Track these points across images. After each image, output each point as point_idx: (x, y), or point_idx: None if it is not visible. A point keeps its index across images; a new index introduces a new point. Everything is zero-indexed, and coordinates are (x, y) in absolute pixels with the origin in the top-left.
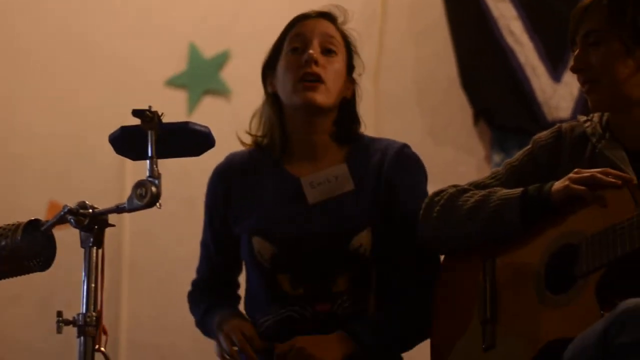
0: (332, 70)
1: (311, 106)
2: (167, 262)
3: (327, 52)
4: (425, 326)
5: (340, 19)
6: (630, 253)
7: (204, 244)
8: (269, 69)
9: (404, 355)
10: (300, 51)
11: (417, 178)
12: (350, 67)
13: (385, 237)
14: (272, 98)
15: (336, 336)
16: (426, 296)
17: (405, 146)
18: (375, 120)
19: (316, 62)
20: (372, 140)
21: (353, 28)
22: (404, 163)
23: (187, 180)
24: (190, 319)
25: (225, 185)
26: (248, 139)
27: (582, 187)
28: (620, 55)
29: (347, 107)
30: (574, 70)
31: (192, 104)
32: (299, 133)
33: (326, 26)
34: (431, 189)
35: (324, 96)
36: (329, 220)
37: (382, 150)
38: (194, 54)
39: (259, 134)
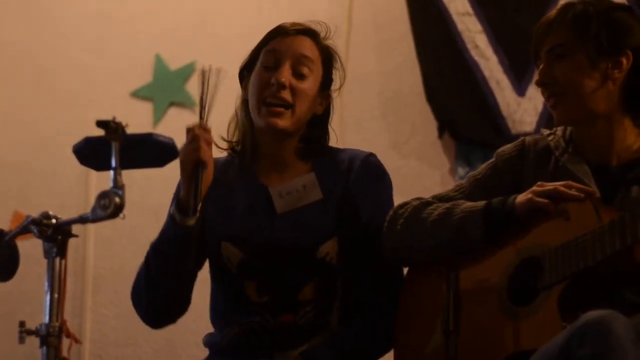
0: (300, 92)
1: (276, 131)
2: (132, 274)
3: (299, 75)
4: (387, 340)
5: (321, 35)
6: (592, 266)
7: None
8: (244, 73)
9: None
10: (271, 70)
11: (382, 187)
12: (327, 83)
13: (351, 246)
14: (246, 104)
15: None
16: (389, 310)
17: (370, 155)
18: (340, 133)
19: (284, 87)
20: (339, 150)
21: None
22: (370, 172)
23: (151, 191)
24: (154, 332)
25: None
26: (224, 144)
27: (546, 200)
28: (585, 69)
29: (317, 123)
30: (539, 84)
31: (158, 115)
32: (268, 148)
33: (302, 45)
34: (395, 201)
35: (288, 121)
36: (297, 229)
37: (349, 160)
38: (159, 65)
39: (234, 139)
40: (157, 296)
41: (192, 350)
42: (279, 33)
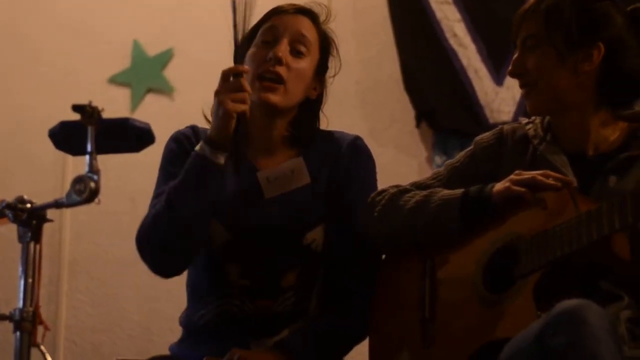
0: (296, 70)
1: (266, 105)
2: (108, 260)
3: (296, 52)
4: (363, 328)
5: (321, 18)
6: (568, 255)
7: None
8: (241, 53)
9: None
10: (270, 45)
11: (369, 169)
12: (322, 68)
13: (337, 232)
14: None
15: (273, 354)
16: (366, 298)
17: (357, 138)
18: (322, 124)
19: (280, 62)
20: (326, 133)
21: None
22: (357, 156)
23: (128, 177)
24: (130, 318)
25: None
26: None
27: (523, 189)
28: (554, 61)
29: (308, 108)
30: (510, 74)
31: (135, 101)
32: (259, 128)
33: (302, 24)
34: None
35: (281, 97)
36: (285, 214)
37: (336, 142)
38: (137, 51)
39: None
40: (183, 237)
41: (167, 337)
42: (279, 11)
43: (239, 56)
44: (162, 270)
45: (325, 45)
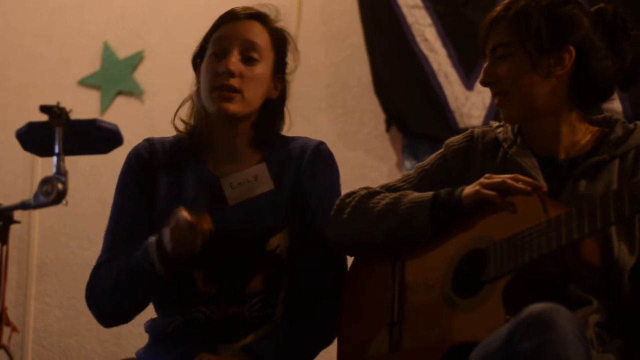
0: (250, 77)
1: (225, 115)
2: (77, 263)
3: (248, 60)
4: (330, 332)
5: (271, 17)
6: (538, 260)
7: (117, 227)
8: (198, 60)
9: None
10: (220, 57)
11: (331, 176)
12: (280, 66)
13: (300, 238)
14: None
15: (240, 358)
16: (332, 301)
17: (321, 144)
18: (288, 124)
19: (232, 74)
20: (289, 139)
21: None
22: (320, 161)
23: (98, 180)
24: (98, 323)
25: (148, 173)
26: (181, 126)
27: (493, 193)
28: (527, 67)
29: (270, 108)
30: (482, 83)
31: (105, 104)
32: (220, 134)
33: (251, 30)
34: (342, 193)
35: (239, 105)
36: (248, 220)
37: (300, 149)
38: (107, 53)
39: (187, 121)
40: (125, 306)
41: (136, 341)
42: (228, 18)
43: None
44: (108, 324)
45: (280, 44)
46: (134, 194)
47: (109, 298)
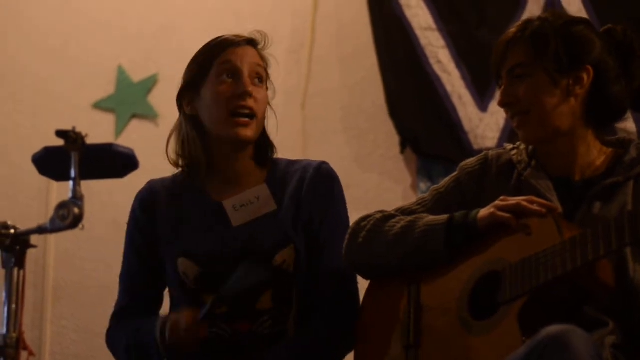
0: (261, 100)
1: (242, 142)
2: (93, 286)
3: (259, 80)
4: (340, 349)
5: (261, 45)
6: (553, 281)
7: (127, 274)
8: (190, 90)
9: None
10: (230, 80)
11: (335, 193)
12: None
13: (306, 253)
14: (193, 121)
15: None
16: (342, 318)
17: (323, 163)
18: (303, 146)
19: (250, 95)
20: (291, 162)
21: (277, 54)
22: (323, 180)
23: (113, 203)
24: None
25: (150, 214)
26: (174, 159)
27: (508, 215)
28: (547, 87)
29: (263, 130)
30: (501, 104)
31: (120, 127)
32: (222, 160)
33: (253, 54)
34: (357, 215)
35: (255, 131)
36: (253, 239)
37: (302, 170)
38: (122, 77)
39: (180, 154)
40: None
41: None
42: (227, 44)
43: None
44: None
45: (267, 69)
46: (139, 241)
47: (123, 357)
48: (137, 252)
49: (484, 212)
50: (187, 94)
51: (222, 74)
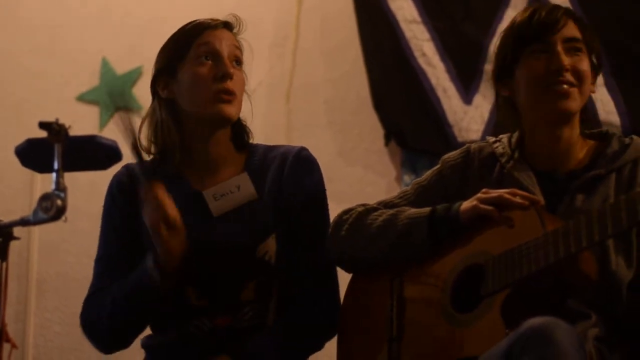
0: (240, 83)
1: (225, 120)
2: (76, 279)
3: (237, 63)
4: (320, 337)
5: (236, 28)
6: (535, 273)
7: (105, 256)
8: (166, 74)
9: None
10: (210, 62)
11: (314, 179)
12: None
13: (288, 241)
14: (168, 104)
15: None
16: (322, 306)
17: (302, 149)
18: (287, 139)
19: (231, 77)
20: (269, 147)
21: (261, 47)
22: (302, 166)
23: (96, 196)
24: None
25: (128, 195)
26: (146, 146)
27: (490, 207)
28: (590, 73)
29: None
30: (567, 68)
31: (104, 119)
32: (199, 144)
33: (230, 37)
34: (340, 208)
35: (236, 109)
36: (235, 229)
37: (281, 156)
38: (106, 69)
39: (153, 140)
40: (124, 329)
41: (135, 357)
42: (205, 27)
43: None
44: (112, 350)
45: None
46: (118, 221)
47: (107, 323)
48: (115, 231)
49: (466, 204)
50: (163, 77)
51: (200, 55)
